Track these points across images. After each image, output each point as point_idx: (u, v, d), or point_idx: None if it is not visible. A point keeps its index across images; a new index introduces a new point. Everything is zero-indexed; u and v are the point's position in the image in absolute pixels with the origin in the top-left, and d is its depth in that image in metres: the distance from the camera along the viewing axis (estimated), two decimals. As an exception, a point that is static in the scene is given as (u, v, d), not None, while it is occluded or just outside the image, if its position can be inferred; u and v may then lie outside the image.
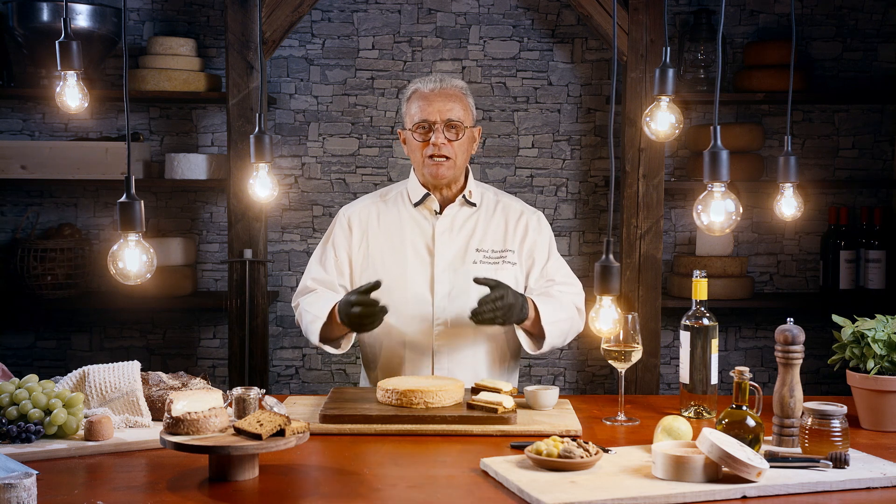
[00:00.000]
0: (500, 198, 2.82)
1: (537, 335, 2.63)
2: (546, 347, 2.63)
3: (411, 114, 2.69)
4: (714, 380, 2.40)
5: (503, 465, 1.93)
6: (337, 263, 2.76)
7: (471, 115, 2.72)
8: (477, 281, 2.52)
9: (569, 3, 4.00)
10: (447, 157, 2.65)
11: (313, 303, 2.67)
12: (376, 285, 2.51)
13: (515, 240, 2.75)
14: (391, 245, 2.74)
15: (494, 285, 2.50)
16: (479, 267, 2.70)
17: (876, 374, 2.31)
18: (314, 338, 2.62)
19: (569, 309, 2.68)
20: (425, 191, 2.73)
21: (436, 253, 2.71)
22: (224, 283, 4.14)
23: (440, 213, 2.74)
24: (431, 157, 2.65)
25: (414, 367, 2.69)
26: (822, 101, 4.07)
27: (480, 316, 2.49)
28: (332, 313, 2.58)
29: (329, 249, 2.78)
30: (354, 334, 2.62)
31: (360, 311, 2.48)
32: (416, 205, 2.75)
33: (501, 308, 2.48)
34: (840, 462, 1.93)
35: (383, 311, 2.50)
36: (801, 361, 2.15)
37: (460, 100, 2.69)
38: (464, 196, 2.74)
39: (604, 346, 2.40)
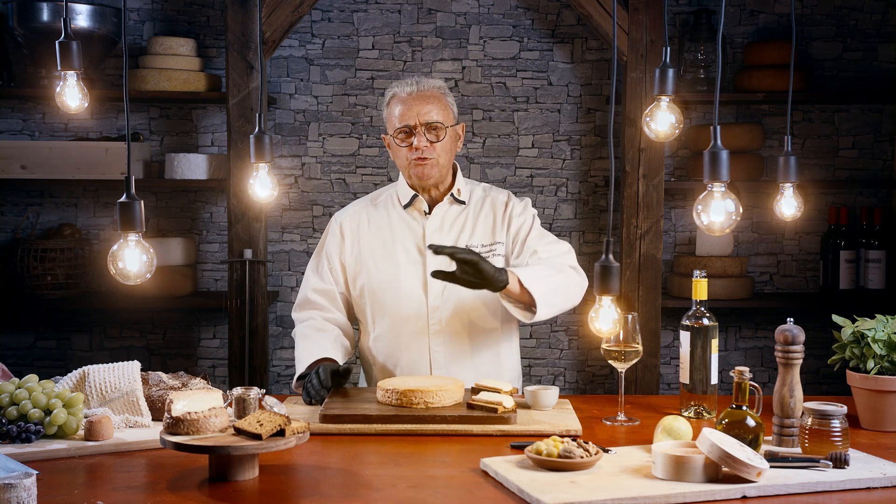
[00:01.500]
0: (488, 193, 2.81)
1: (528, 302, 2.55)
2: (544, 309, 2.52)
3: (391, 119, 2.70)
4: (714, 380, 2.40)
5: (503, 465, 1.93)
6: (332, 271, 2.78)
7: (451, 113, 2.72)
8: (434, 250, 2.43)
9: (569, 3, 4.00)
10: (430, 159, 2.66)
11: (306, 336, 2.70)
12: (346, 372, 2.50)
13: (503, 231, 2.75)
14: (383, 248, 2.74)
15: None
16: None
17: (876, 374, 2.31)
18: (294, 380, 2.64)
19: (555, 266, 2.59)
20: (414, 192, 2.74)
21: (427, 253, 2.71)
22: (224, 283, 4.13)
23: (429, 213, 2.75)
24: (415, 160, 2.66)
25: (412, 367, 2.70)
26: (822, 101, 4.07)
27: (458, 266, 2.41)
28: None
29: (323, 258, 2.80)
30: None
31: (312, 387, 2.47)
32: (405, 206, 2.75)
33: (469, 253, 2.40)
34: (840, 462, 1.93)
35: (344, 377, 2.50)
36: (801, 361, 2.15)
37: (438, 100, 2.68)
38: (452, 195, 2.75)
39: (604, 346, 2.39)
